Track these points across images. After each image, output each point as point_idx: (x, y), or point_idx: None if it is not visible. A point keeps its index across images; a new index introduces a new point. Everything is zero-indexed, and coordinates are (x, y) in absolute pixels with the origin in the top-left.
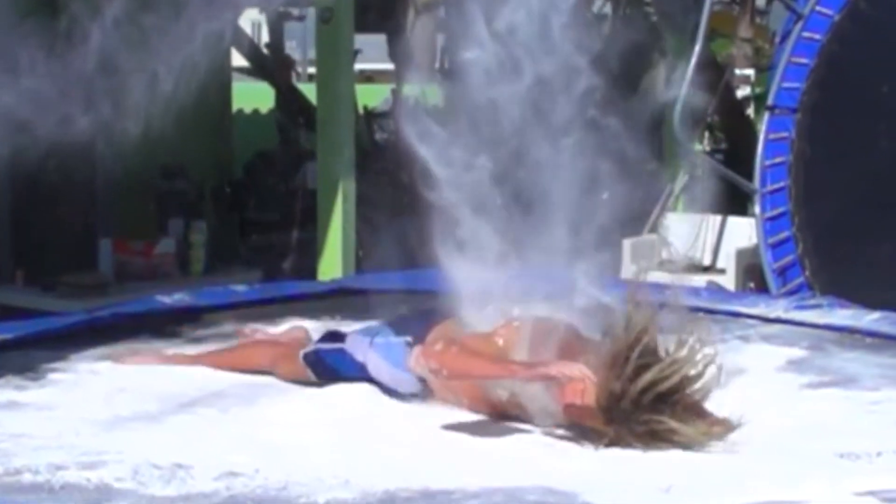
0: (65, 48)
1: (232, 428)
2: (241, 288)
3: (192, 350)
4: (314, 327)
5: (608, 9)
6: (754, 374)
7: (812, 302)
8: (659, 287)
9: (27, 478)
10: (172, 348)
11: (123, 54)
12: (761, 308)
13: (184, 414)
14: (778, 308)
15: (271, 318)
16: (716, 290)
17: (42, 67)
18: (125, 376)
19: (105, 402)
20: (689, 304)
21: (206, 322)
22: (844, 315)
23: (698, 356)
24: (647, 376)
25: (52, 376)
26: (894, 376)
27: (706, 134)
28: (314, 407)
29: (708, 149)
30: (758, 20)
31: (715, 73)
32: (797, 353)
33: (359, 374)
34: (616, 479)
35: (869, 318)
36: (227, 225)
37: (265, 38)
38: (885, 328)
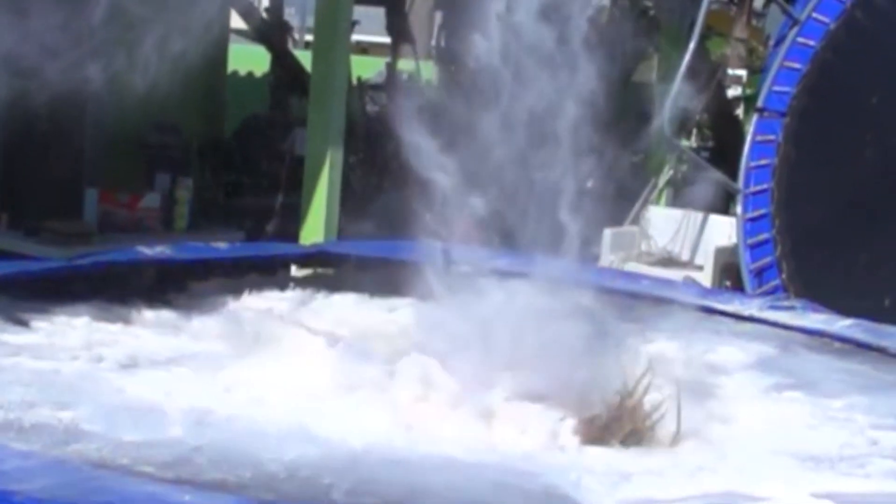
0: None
1: (206, 384)
2: (222, 245)
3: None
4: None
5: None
6: (723, 372)
7: (786, 304)
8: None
9: None
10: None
11: (122, 8)
12: (735, 305)
13: (160, 370)
14: (752, 307)
15: (251, 279)
16: (692, 284)
17: (41, 17)
18: (104, 330)
19: (83, 351)
20: (665, 297)
21: (185, 280)
22: (817, 319)
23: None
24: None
25: (33, 322)
26: (859, 383)
27: (694, 131)
28: (289, 371)
29: (694, 146)
30: (754, 22)
31: (708, 70)
32: (767, 351)
33: None
34: (578, 467)
35: (840, 325)
36: (214, 184)
37: (265, 2)
38: (856, 335)
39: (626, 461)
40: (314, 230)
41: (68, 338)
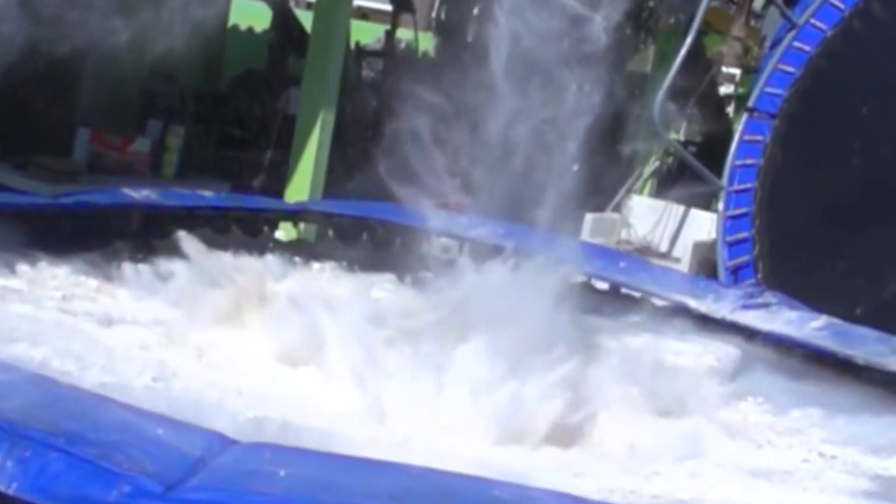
0: None
1: (177, 346)
2: (208, 194)
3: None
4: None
5: None
6: (685, 376)
7: (760, 300)
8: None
9: None
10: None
11: None
12: (709, 302)
13: (135, 326)
14: (725, 305)
15: (232, 229)
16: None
17: None
18: (83, 285)
19: (63, 301)
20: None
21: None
22: (789, 319)
23: None
24: None
25: (17, 265)
26: (814, 402)
27: (683, 125)
28: (262, 337)
29: (682, 139)
30: (752, 22)
31: (702, 66)
32: (731, 358)
33: None
34: (516, 461)
35: (812, 325)
36: (205, 135)
37: None
38: (825, 341)
39: (579, 462)
40: (300, 189)
41: (48, 287)
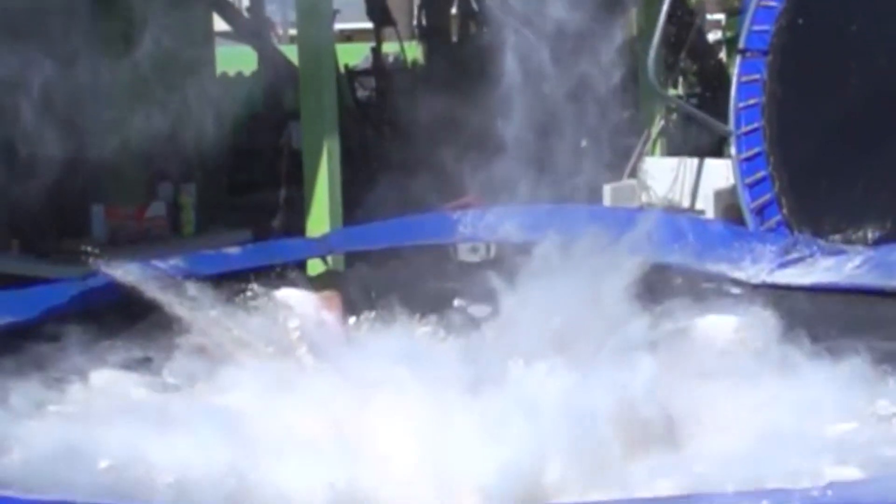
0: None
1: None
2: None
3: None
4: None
5: None
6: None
7: (796, 255)
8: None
9: None
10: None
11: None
12: (746, 266)
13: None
14: (762, 267)
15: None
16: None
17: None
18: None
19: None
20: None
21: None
22: (827, 266)
23: None
24: None
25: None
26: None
27: (680, 79)
28: None
29: (682, 94)
30: None
31: (687, 17)
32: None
33: None
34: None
35: (850, 266)
36: (216, 186)
37: (246, 1)
38: (867, 279)
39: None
40: (320, 222)
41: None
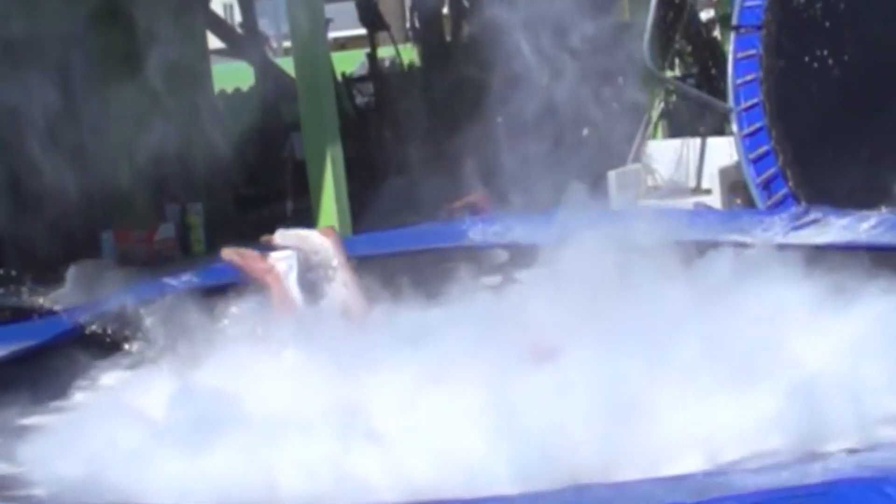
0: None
1: None
2: None
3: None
4: None
5: None
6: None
7: (807, 219)
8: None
9: None
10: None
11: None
12: (760, 231)
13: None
14: (776, 230)
15: None
16: (704, 210)
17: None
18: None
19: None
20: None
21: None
22: (841, 226)
23: None
24: None
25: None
26: None
27: (676, 60)
28: None
29: (679, 75)
30: None
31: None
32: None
33: None
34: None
35: (866, 226)
36: (223, 203)
37: (238, 17)
38: (884, 237)
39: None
40: None
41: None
